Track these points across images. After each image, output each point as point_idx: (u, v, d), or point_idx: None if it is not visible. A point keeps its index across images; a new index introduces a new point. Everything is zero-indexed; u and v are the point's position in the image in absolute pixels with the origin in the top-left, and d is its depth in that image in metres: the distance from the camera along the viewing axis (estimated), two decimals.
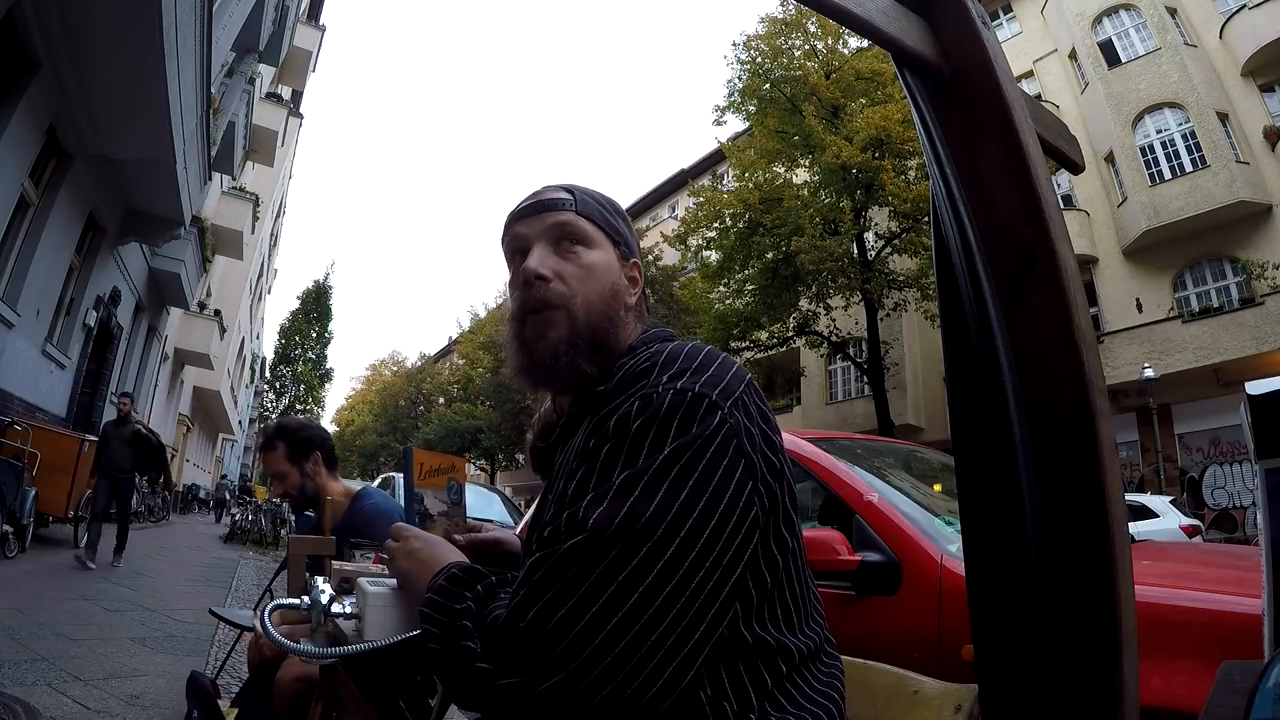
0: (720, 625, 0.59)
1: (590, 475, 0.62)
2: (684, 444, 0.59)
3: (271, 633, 0.76)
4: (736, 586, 0.60)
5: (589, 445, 0.65)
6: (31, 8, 4.90)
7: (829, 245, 13.77)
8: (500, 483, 28.61)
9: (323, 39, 19.64)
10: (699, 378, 0.64)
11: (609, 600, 0.54)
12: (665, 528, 0.56)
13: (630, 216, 0.92)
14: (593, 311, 0.78)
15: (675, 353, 0.67)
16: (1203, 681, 0.86)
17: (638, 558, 0.55)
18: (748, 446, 0.62)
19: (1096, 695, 0.59)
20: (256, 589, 5.78)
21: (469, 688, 0.57)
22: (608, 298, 0.80)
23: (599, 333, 0.77)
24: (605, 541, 0.56)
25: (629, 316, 0.82)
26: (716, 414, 0.61)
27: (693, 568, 0.56)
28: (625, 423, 0.62)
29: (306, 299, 36.54)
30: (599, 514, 0.57)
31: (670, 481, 0.58)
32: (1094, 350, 0.64)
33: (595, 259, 0.81)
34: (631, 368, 0.69)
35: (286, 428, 2.06)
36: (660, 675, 0.54)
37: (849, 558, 1.79)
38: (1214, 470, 12.63)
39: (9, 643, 3.20)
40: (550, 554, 0.57)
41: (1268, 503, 0.93)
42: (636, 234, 0.92)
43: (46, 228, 6.33)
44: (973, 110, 0.72)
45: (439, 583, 0.66)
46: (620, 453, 0.61)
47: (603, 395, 0.70)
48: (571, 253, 0.80)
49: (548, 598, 0.55)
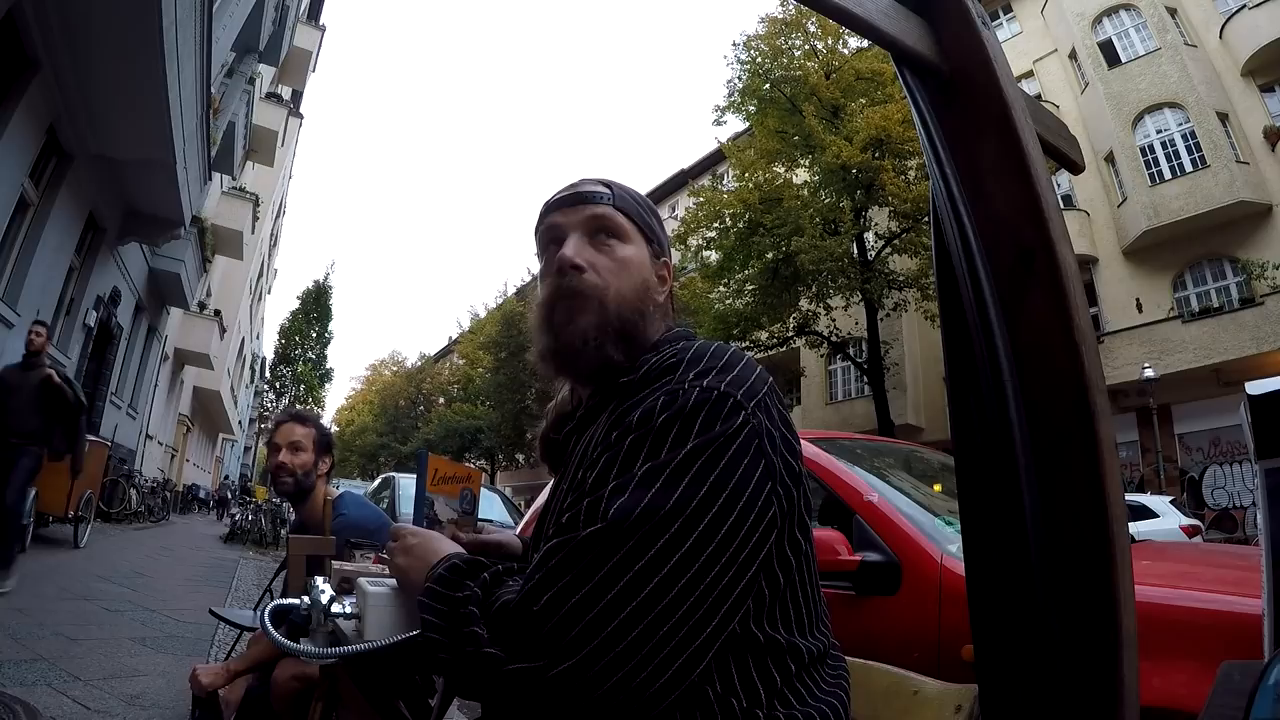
0: (732, 621, 0.59)
1: (612, 465, 0.62)
2: (707, 441, 0.60)
3: (272, 633, 0.76)
4: (750, 584, 0.60)
5: (611, 436, 0.65)
6: (31, 8, 4.89)
7: (829, 245, 13.77)
8: (500, 483, 28.59)
9: (323, 39, 19.65)
10: (724, 377, 0.64)
11: (624, 589, 0.54)
12: (684, 521, 0.56)
13: None
14: (624, 304, 0.78)
15: (701, 351, 0.68)
16: (1203, 681, 0.86)
17: (655, 549, 0.55)
18: (769, 448, 0.62)
19: (1096, 695, 0.59)
20: (256, 589, 5.77)
21: (475, 675, 0.57)
22: (640, 292, 0.80)
23: (628, 324, 0.78)
24: (624, 531, 0.56)
25: (656, 313, 0.82)
26: (740, 414, 0.62)
27: (709, 562, 0.56)
28: (650, 416, 0.63)
29: (306, 299, 36.53)
30: (620, 503, 0.58)
31: (692, 476, 0.58)
32: (1094, 350, 0.64)
33: (629, 254, 0.81)
34: (657, 363, 0.70)
35: (319, 422, 2.18)
36: (670, 666, 0.54)
37: (849, 558, 1.79)
38: (1214, 470, 12.64)
39: (9, 643, 3.20)
40: (568, 540, 0.58)
41: (1268, 503, 0.93)
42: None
43: (46, 228, 6.32)
44: (972, 110, 0.72)
45: (438, 572, 0.66)
46: (644, 445, 0.61)
47: (627, 387, 0.71)
48: (606, 245, 0.81)
49: (563, 583, 0.56)
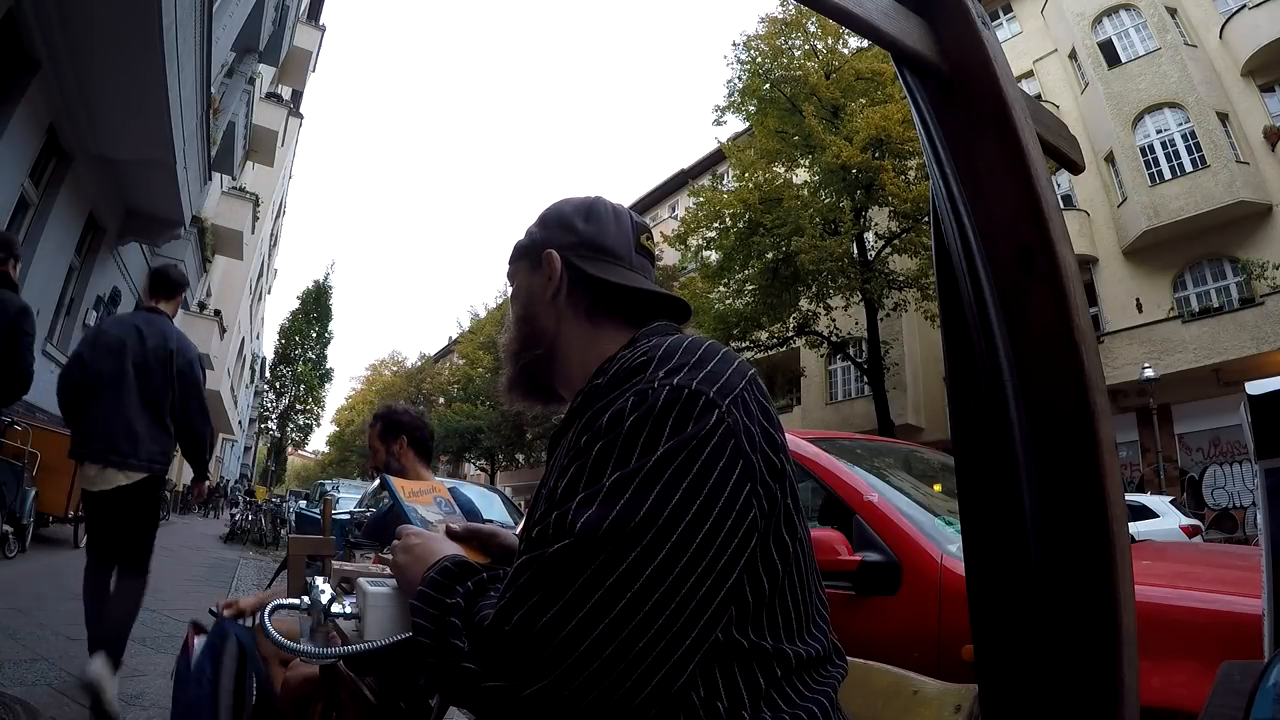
0: (713, 632, 0.57)
1: (581, 474, 0.60)
2: (678, 444, 0.57)
3: (272, 633, 0.76)
4: (732, 592, 0.58)
5: (580, 442, 0.63)
6: (31, 8, 4.89)
7: (829, 245, 13.77)
8: (500, 483, 28.59)
9: (323, 39, 19.64)
10: (697, 373, 0.62)
11: (596, 606, 0.53)
12: (655, 533, 0.54)
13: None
14: (516, 356, 0.85)
15: (674, 347, 0.65)
16: (1203, 681, 0.86)
17: (626, 563, 0.53)
18: (746, 447, 0.60)
19: (1096, 695, 0.59)
20: (257, 589, 5.77)
21: (455, 686, 0.57)
22: (525, 330, 0.85)
23: (527, 369, 0.85)
24: (593, 546, 0.54)
25: (550, 312, 0.83)
26: (714, 412, 0.59)
27: (683, 574, 0.54)
28: (619, 420, 0.60)
29: (306, 299, 36.55)
30: (588, 517, 0.55)
31: (663, 484, 0.56)
32: (1094, 350, 0.64)
33: (516, 303, 0.88)
34: (628, 361, 0.67)
35: (387, 411, 2.29)
36: (648, 683, 0.53)
37: (849, 558, 1.79)
38: (1214, 470, 12.63)
39: (9, 643, 3.20)
40: (537, 557, 0.56)
41: (1268, 503, 0.93)
42: (653, 238, 0.93)
43: (46, 228, 6.32)
44: (972, 110, 0.72)
45: (430, 575, 0.65)
46: (612, 452, 0.59)
47: (598, 390, 0.68)
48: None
49: (533, 601, 0.54)
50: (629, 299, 0.81)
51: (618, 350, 0.74)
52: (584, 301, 0.81)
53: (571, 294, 0.81)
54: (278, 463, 38.01)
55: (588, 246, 0.82)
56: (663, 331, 0.77)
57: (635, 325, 0.80)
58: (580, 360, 0.80)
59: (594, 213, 0.85)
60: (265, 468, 36.89)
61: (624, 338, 0.78)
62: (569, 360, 0.82)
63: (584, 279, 0.81)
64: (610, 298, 0.81)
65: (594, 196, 0.88)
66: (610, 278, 0.80)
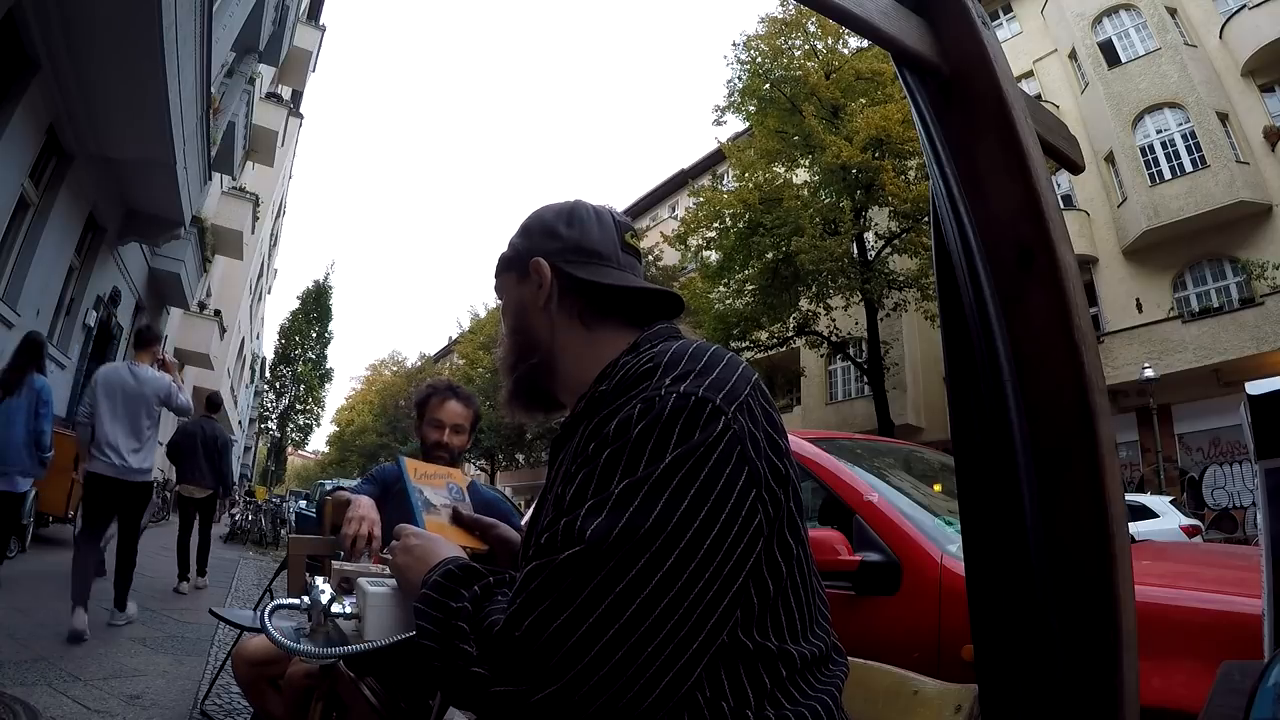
0: (720, 634, 0.58)
1: (589, 482, 0.60)
2: (685, 452, 0.58)
3: (272, 633, 0.76)
4: (738, 596, 0.58)
5: (588, 449, 0.63)
6: (31, 8, 4.89)
7: (829, 245, 13.77)
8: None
9: (323, 39, 19.61)
10: (703, 380, 0.62)
11: (605, 612, 0.53)
12: (664, 540, 0.55)
13: (630, 216, 0.92)
14: (513, 368, 0.85)
15: (680, 353, 0.65)
16: (1203, 681, 0.86)
17: (635, 570, 0.54)
18: (751, 453, 0.60)
19: (1096, 695, 0.59)
20: (256, 589, 5.77)
21: (463, 690, 0.57)
22: (519, 341, 0.85)
23: (525, 379, 0.85)
24: (603, 553, 0.55)
25: (544, 320, 0.82)
26: (720, 420, 0.59)
27: (691, 580, 0.55)
28: (626, 427, 0.60)
29: (306, 299, 36.57)
30: (597, 524, 0.56)
31: (670, 492, 0.56)
32: (1094, 350, 0.64)
33: (507, 315, 0.87)
34: (633, 368, 0.67)
35: (474, 400, 2.29)
36: (655, 687, 0.54)
37: (849, 558, 1.80)
38: (1214, 470, 12.62)
39: (9, 643, 3.20)
40: (547, 563, 0.57)
41: (1268, 503, 0.93)
42: (638, 234, 0.92)
43: (46, 228, 6.32)
44: (972, 110, 0.72)
45: (434, 578, 0.66)
46: (620, 459, 0.59)
47: (604, 396, 0.68)
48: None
49: (543, 608, 0.55)
50: (622, 299, 0.81)
51: (619, 354, 0.75)
52: (577, 306, 0.81)
53: (563, 300, 0.81)
54: (278, 463, 38.01)
55: (574, 251, 0.82)
56: (666, 335, 0.77)
57: (632, 325, 0.80)
58: (579, 365, 0.80)
59: (576, 216, 0.85)
60: (265, 468, 36.89)
61: (622, 340, 0.78)
62: (567, 366, 0.81)
63: (574, 283, 0.80)
64: (603, 299, 0.81)
65: (574, 200, 0.88)
66: (600, 279, 0.80)
